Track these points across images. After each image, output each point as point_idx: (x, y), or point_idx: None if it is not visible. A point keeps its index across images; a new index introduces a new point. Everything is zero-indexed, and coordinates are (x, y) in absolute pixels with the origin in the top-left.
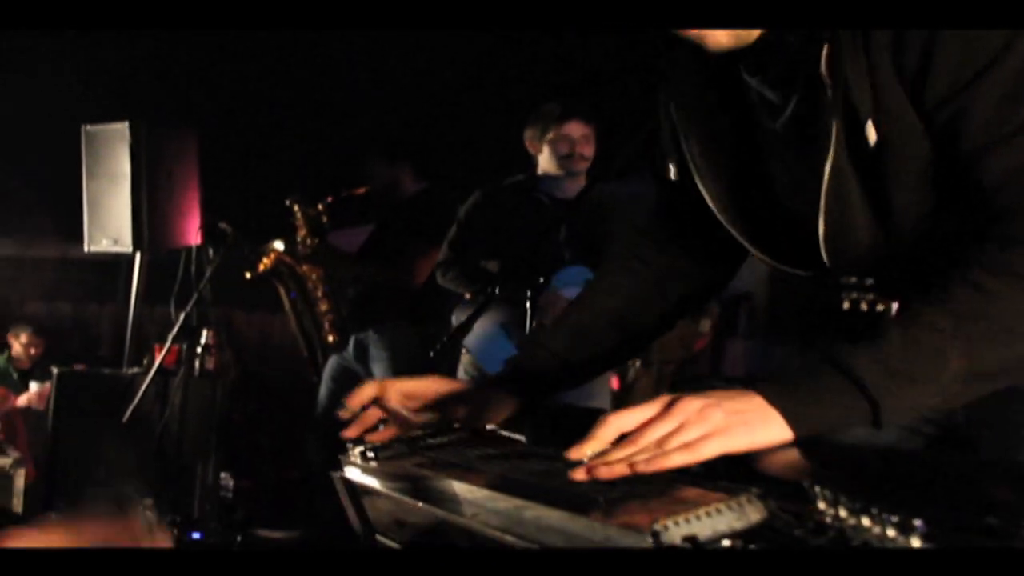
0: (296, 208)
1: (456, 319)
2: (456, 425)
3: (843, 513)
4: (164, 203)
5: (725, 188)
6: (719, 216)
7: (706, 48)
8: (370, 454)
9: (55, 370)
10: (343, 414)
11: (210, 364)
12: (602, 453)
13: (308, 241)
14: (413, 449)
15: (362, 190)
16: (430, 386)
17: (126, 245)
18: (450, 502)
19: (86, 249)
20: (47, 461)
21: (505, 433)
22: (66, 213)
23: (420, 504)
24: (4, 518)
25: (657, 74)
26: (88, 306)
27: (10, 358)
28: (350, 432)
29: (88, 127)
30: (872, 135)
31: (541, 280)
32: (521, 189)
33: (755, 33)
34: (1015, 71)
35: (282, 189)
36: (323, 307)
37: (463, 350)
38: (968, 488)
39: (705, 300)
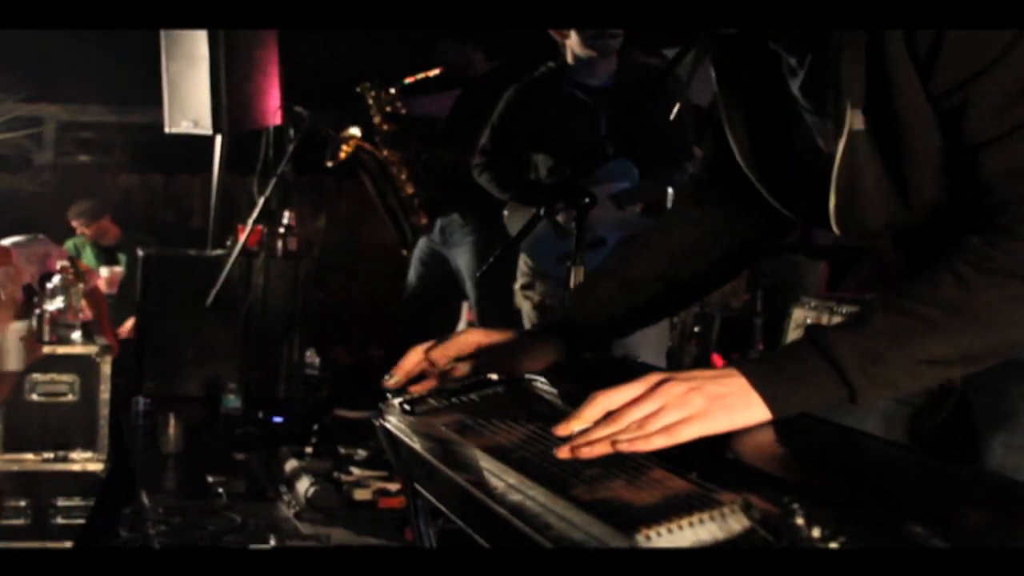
0: (368, 94)
1: (506, 215)
2: (495, 377)
3: (815, 533)
4: (243, 84)
5: (749, 143)
6: (744, 168)
7: None
8: (407, 407)
9: (140, 252)
10: (390, 383)
11: (292, 245)
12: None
13: (384, 127)
14: (449, 405)
15: (435, 71)
16: (473, 338)
17: (206, 127)
18: (471, 471)
19: (166, 130)
20: (136, 344)
21: (541, 384)
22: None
23: (445, 468)
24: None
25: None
26: (180, 177)
27: (88, 238)
28: (392, 382)
29: None
30: (858, 119)
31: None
32: (553, 82)
33: None
34: (1018, 71)
35: (358, 71)
36: (409, 190)
37: (520, 254)
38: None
39: (757, 257)
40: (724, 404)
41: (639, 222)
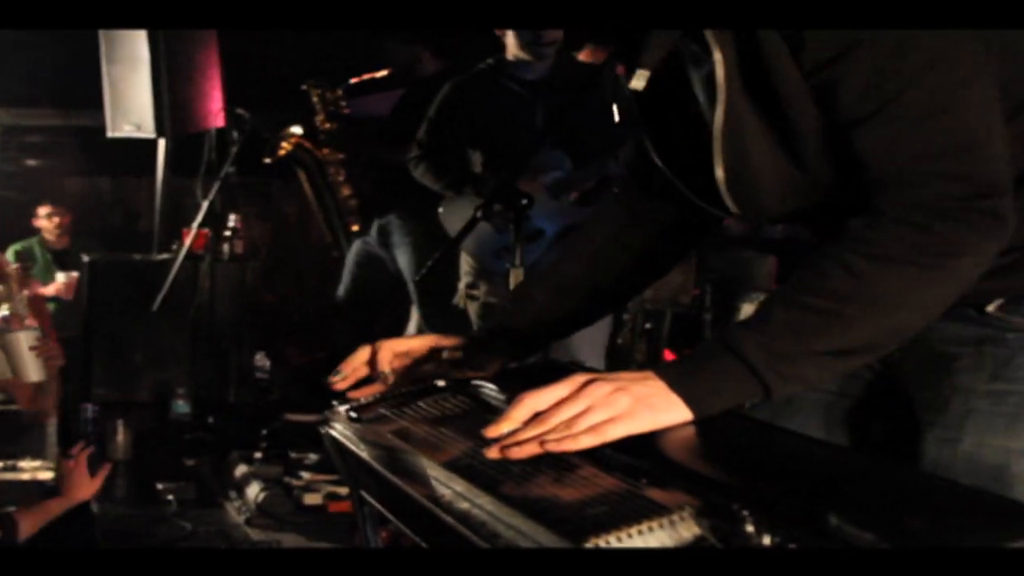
0: (314, 93)
1: (441, 211)
2: (442, 383)
3: (766, 540)
4: (184, 87)
5: (659, 136)
6: (656, 160)
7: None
8: (353, 415)
9: (85, 258)
10: (336, 382)
11: (239, 248)
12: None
13: (327, 125)
14: (396, 412)
15: (382, 73)
16: (422, 343)
17: (148, 131)
18: (418, 479)
19: (109, 134)
20: (84, 350)
21: (488, 390)
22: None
23: (391, 476)
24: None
25: None
26: (127, 180)
27: (42, 240)
28: (338, 385)
29: None
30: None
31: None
32: (490, 77)
33: None
34: (884, 47)
35: (302, 72)
36: (345, 192)
37: (461, 252)
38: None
39: (687, 247)
40: (648, 404)
41: (575, 211)
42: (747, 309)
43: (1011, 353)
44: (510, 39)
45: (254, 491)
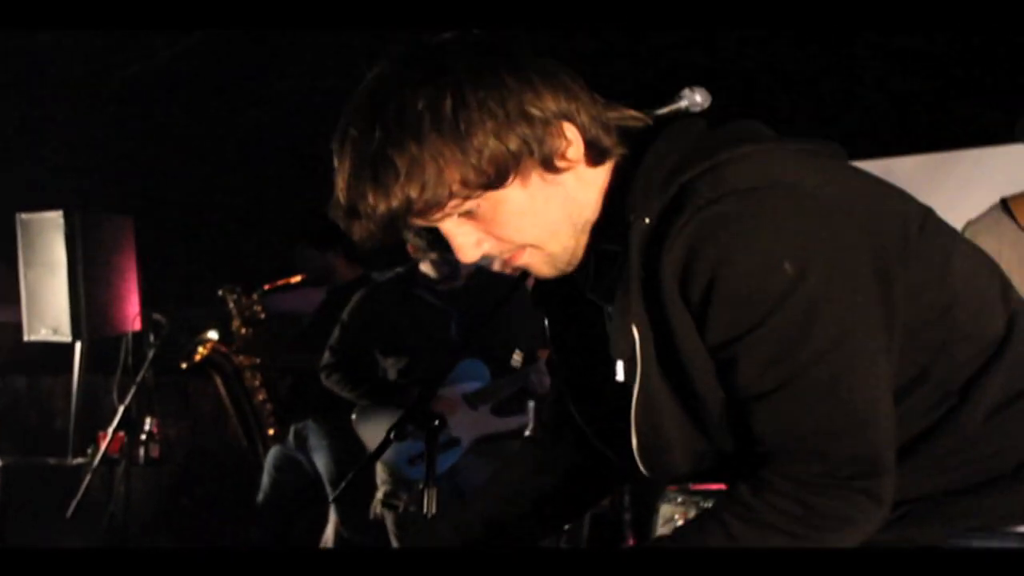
0: (230, 298)
1: (354, 418)
2: None
3: None
4: (102, 291)
5: (576, 386)
6: (573, 408)
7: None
8: None
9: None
10: None
11: (154, 452)
12: None
13: (243, 331)
14: None
15: (296, 279)
16: None
17: (65, 334)
18: None
19: (25, 338)
20: None
21: None
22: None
23: None
24: None
25: None
26: (43, 379)
27: None
28: None
29: (22, 215)
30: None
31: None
32: (403, 286)
33: (576, 260)
34: (780, 332)
35: (219, 276)
36: (260, 397)
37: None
38: None
39: (605, 490)
40: None
41: (492, 421)
42: (665, 510)
43: None
44: (426, 264)
45: None
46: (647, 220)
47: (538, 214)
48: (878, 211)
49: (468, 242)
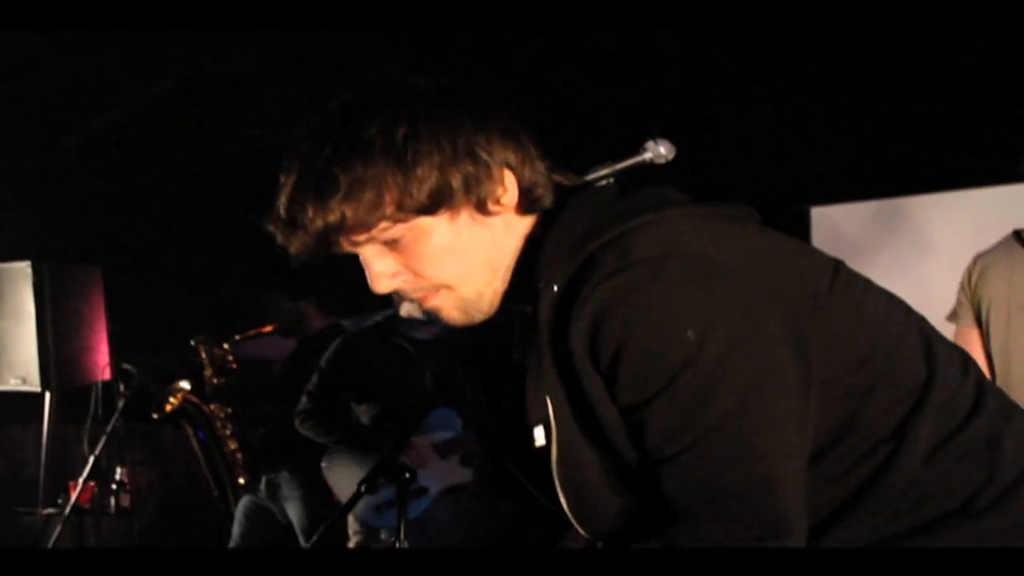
0: (201, 349)
1: (324, 466)
2: None
3: None
4: (71, 341)
5: (508, 445)
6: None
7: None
8: None
9: None
10: None
11: (125, 501)
12: None
13: (215, 381)
14: None
15: (268, 328)
16: None
17: (34, 384)
18: None
19: None
20: None
21: None
22: None
23: None
24: None
25: None
26: (12, 428)
27: None
28: None
29: None
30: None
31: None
32: (381, 334)
33: (486, 309)
34: (683, 399)
35: (190, 325)
36: (232, 446)
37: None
38: None
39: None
40: None
41: (461, 472)
42: None
43: None
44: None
45: None
46: (555, 288)
47: (459, 253)
48: (784, 272)
49: (385, 271)
